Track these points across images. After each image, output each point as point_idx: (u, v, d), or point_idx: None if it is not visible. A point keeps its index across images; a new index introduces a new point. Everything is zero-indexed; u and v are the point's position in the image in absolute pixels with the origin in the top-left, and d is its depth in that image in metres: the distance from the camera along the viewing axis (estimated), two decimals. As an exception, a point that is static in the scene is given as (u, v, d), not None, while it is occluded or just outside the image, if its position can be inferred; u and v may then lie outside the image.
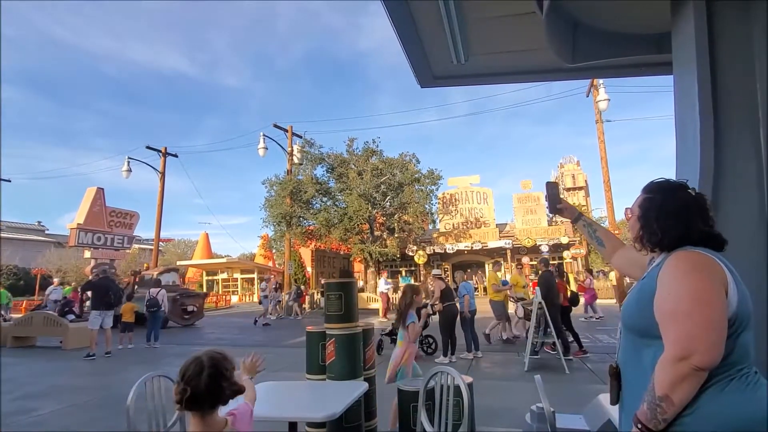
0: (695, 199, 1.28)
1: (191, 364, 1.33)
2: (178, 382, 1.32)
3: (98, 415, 4.68)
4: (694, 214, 1.25)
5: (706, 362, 1.05)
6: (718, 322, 1.07)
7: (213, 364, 1.33)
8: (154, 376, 2.44)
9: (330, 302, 3.49)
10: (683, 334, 1.07)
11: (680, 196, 1.29)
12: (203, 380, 1.29)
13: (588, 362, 6.82)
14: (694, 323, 1.06)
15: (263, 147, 21.13)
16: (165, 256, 40.77)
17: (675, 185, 1.32)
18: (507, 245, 23.95)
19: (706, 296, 1.08)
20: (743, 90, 1.94)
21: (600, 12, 2.81)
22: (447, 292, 7.52)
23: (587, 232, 1.80)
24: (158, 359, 8.41)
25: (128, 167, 22.38)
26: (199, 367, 1.31)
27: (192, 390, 1.29)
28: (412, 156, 22.08)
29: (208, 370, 1.31)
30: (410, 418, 2.92)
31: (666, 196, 1.30)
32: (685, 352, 1.06)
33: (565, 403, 4.35)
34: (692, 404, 1.09)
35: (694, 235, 1.22)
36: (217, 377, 1.31)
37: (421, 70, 3.73)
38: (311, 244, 23.90)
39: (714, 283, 1.10)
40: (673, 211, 1.27)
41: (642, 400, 1.14)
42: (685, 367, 1.06)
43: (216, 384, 1.31)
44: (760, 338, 1.51)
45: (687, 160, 2.00)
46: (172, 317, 13.75)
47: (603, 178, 17.87)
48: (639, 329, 1.24)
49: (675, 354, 1.07)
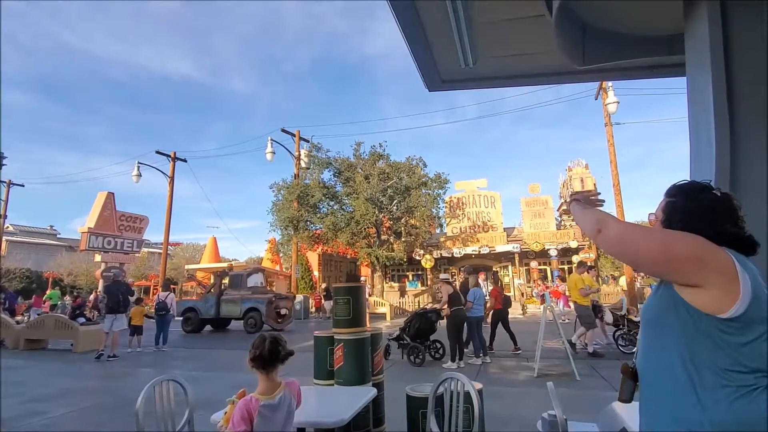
0: (721, 200, 1.23)
1: (258, 339, 1.93)
2: (251, 350, 1.90)
3: (107, 418, 4.70)
4: (720, 215, 1.21)
5: (603, 243, 1.25)
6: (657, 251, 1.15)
7: (272, 336, 1.93)
8: (163, 380, 2.45)
9: (338, 306, 3.47)
10: (626, 228, 1.23)
11: (704, 197, 1.25)
12: (267, 345, 1.87)
13: (600, 369, 6.72)
14: (640, 233, 1.20)
15: (271, 151, 21.26)
16: (173, 259, 41.11)
17: (698, 187, 1.28)
18: (515, 249, 23.78)
19: (670, 241, 1.15)
20: (759, 91, 1.90)
21: (610, 14, 2.79)
22: (455, 296, 7.47)
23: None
24: (167, 362, 8.46)
25: (138, 172, 22.67)
26: (262, 338, 1.91)
27: (259, 352, 1.86)
28: (419, 160, 22.07)
29: (269, 338, 1.90)
30: (419, 424, 2.89)
31: (688, 198, 1.27)
32: (609, 226, 1.25)
33: (577, 410, 4.28)
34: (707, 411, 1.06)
35: (721, 237, 1.17)
36: (275, 343, 1.89)
37: (428, 74, 3.73)
38: (318, 248, 23.95)
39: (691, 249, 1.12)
40: (696, 213, 1.23)
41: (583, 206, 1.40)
42: (589, 228, 1.29)
43: (274, 348, 1.87)
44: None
45: (702, 163, 1.96)
46: (268, 321, 13.12)
47: (612, 182, 17.68)
48: (654, 320, 1.23)
49: (611, 223, 1.26)
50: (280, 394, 1.87)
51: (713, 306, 1.09)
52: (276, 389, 1.89)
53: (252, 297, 13.71)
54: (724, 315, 1.08)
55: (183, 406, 2.53)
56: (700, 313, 1.11)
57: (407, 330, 7.73)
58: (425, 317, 7.70)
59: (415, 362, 7.36)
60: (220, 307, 13.90)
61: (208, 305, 13.97)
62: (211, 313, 13.86)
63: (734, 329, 1.08)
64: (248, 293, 13.93)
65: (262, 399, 1.83)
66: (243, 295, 13.84)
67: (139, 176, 22.71)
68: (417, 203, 20.74)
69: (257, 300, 13.53)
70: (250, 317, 13.39)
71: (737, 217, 1.22)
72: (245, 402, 1.82)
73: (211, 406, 2.66)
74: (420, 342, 7.58)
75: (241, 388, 2.00)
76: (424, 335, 7.71)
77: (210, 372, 7.20)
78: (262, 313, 13.21)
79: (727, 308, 1.08)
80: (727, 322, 1.08)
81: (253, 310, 13.39)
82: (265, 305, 13.23)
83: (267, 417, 1.81)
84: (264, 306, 13.24)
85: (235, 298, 13.79)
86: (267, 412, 1.81)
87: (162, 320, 10.13)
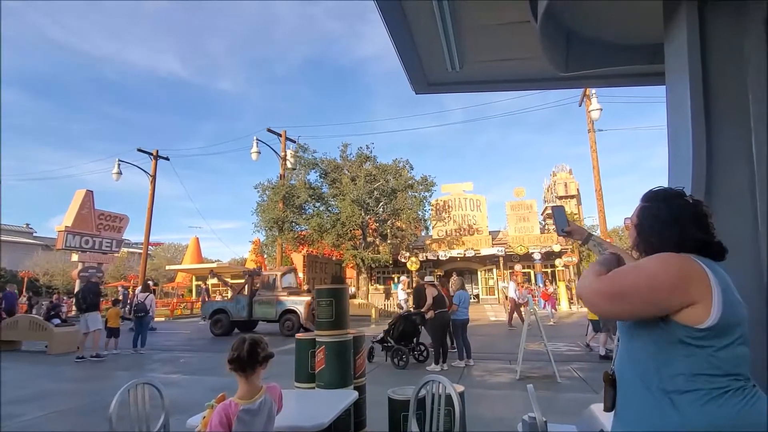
0: (692, 206, 1.27)
1: (237, 340, 1.89)
2: (230, 352, 1.86)
3: (83, 421, 4.57)
4: (689, 221, 1.24)
5: (594, 307, 1.23)
6: (642, 299, 1.15)
7: (252, 338, 1.90)
8: (138, 383, 2.39)
9: (321, 308, 3.44)
10: (613, 278, 1.21)
11: (676, 203, 1.28)
12: (245, 347, 1.83)
13: (580, 371, 6.81)
14: (627, 285, 1.18)
15: (256, 151, 21.06)
16: (154, 260, 40.29)
17: (671, 193, 1.32)
18: (500, 252, 24.01)
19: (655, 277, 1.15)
20: (735, 99, 1.95)
21: (594, 22, 2.84)
22: (439, 299, 7.49)
23: (598, 252, 1.77)
24: (144, 365, 8.27)
25: (118, 170, 22.18)
26: (242, 340, 1.87)
27: (237, 354, 1.82)
28: (406, 162, 22.14)
29: (249, 340, 1.87)
30: (401, 427, 2.88)
31: (661, 204, 1.30)
32: (600, 290, 1.22)
33: (558, 413, 4.34)
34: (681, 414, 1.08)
35: (689, 243, 1.22)
36: (253, 345, 1.85)
37: (416, 77, 3.74)
38: (303, 250, 23.78)
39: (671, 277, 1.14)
40: (668, 219, 1.26)
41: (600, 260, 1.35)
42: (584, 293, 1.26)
43: (253, 350, 1.83)
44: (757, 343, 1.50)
45: (680, 169, 2.00)
46: (306, 323, 12.21)
47: (595, 187, 18.04)
48: (628, 327, 1.26)
49: (598, 285, 1.23)
50: (261, 398, 1.84)
51: (692, 319, 1.11)
52: (256, 393, 1.85)
53: (289, 298, 12.87)
54: (701, 326, 1.10)
55: (159, 410, 2.47)
56: (675, 323, 1.13)
57: (391, 332, 7.72)
58: (409, 320, 7.70)
59: (399, 365, 7.35)
60: (253, 308, 13.13)
61: (240, 307, 13.18)
62: (242, 315, 13.10)
63: (709, 337, 1.10)
64: (284, 294, 13.09)
65: (242, 403, 1.79)
66: (278, 296, 13.00)
67: (119, 174, 22.22)
68: (403, 205, 20.78)
69: (294, 301, 12.74)
70: (286, 320, 12.61)
71: (706, 223, 1.25)
72: (224, 406, 1.79)
73: (189, 410, 2.61)
74: (404, 344, 7.57)
75: (221, 391, 1.96)
76: (408, 338, 7.70)
77: (189, 375, 7.05)
78: (300, 315, 12.44)
79: (703, 319, 1.10)
80: (703, 331, 1.10)
81: (290, 312, 12.60)
82: (304, 307, 12.46)
83: (246, 422, 1.77)
84: (302, 308, 12.50)
85: (270, 300, 12.97)
86: (246, 416, 1.77)
87: (140, 322, 9.89)
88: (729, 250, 1.26)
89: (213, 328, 13.28)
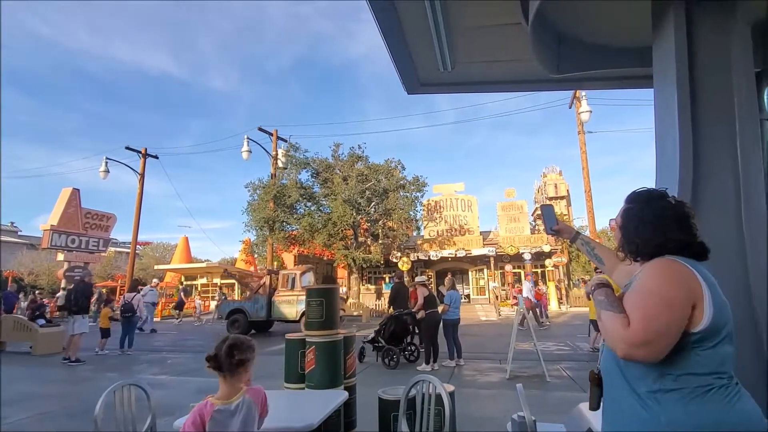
0: (674, 207, 1.28)
1: (220, 339, 1.86)
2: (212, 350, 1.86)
3: (67, 423, 4.49)
4: (671, 222, 1.26)
5: (645, 358, 1.11)
6: (674, 329, 1.10)
7: (233, 338, 1.86)
8: (124, 385, 2.35)
9: (311, 309, 3.42)
10: (646, 325, 1.11)
11: (658, 205, 1.30)
12: (223, 348, 1.79)
13: (569, 371, 6.87)
14: (658, 321, 1.10)
15: (247, 150, 20.90)
16: (142, 259, 39.77)
17: (654, 195, 1.33)
18: (490, 253, 24.14)
19: (671, 302, 1.11)
20: (721, 101, 1.98)
21: (584, 24, 2.86)
22: (430, 299, 7.50)
23: (586, 250, 1.78)
24: (131, 366, 8.15)
25: (106, 168, 21.84)
26: (223, 340, 1.84)
27: (214, 353, 1.79)
28: (398, 162, 22.13)
29: (228, 341, 1.83)
30: (391, 427, 2.87)
31: (644, 205, 1.32)
32: (639, 341, 1.10)
33: (547, 412, 4.37)
34: (667, 412, 1.09)
35: (670, 244, 1.23)
36: (231, 347, 1.80)
37: (407, 77, 3.74)
38: (294, 250, 23.65)
39: (681, 293, 1.12)
40: (650, 220, 1.28)
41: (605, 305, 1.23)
42: (624, 349, 1.13)
43: (229, 351, 1.79)
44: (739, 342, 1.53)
45: (666, 170, 2.03)
46: None
47: (584, 188, 18.24)
48: None
49: (633, 336, 1.11)
50: (238, 400, 1.79)
51: (690, 324, 1.12)
52: (235, 394, 1.81)
53: None
54: (695, 329, 1.11)
55: (145, 411, 2.43)
56: None
57: (382, 332, 7.71)
58: (400, 320, 7.70)
59: (389, 365, 7.35)
60: (272, 308, 12.88)
61: (258, 306, 12.91)
62: (261, 314, 12.85)
63: (700, 339, 1.11)
64: (304, 293, 12.94)
65: (218, 403, 1.76)
66: (299, 295, 12.59)
67: (106, 172, 21.88)
68: (395, 206, 20.78)
69: None
70: None
71: (689, 224, 1.26)
72: (199, 406, 1.76)
73: (177, 412, 2.58)
74: (395, 344, 7.57)
75: (209, 393, 1.94)
76: (399, 338, 7.70)
77: (177, 376, 6.97)
78: None
79: (698, 322, 1.11)
80: (697, 333, 1.11)
81: None
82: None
83: (220, 422, 1.73)
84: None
85: (290, 299, 12.68)
86: (220, 417, 1.73)
87: (128, 322, 9.75)
88: (714, 249, 1.28)
89: (230, 329, 12.91)
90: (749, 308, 1.81)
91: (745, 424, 1.07)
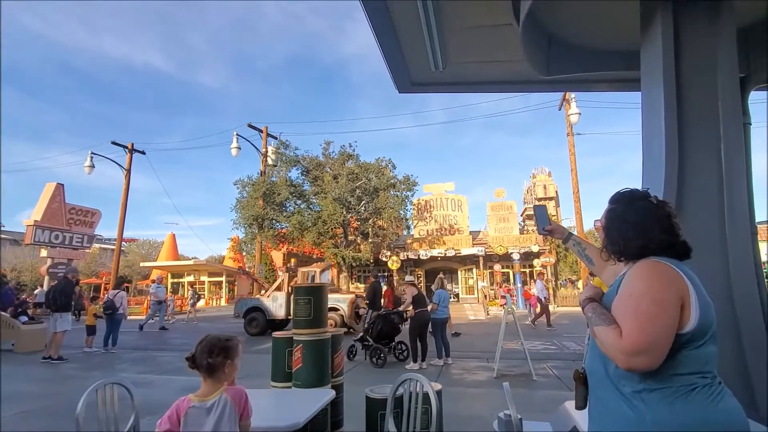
0: (656, 207, 1.30)
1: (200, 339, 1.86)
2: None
3: (49, 423, 4.39)
4: (653, 223, 1.27)
5: (647, 366, 1.09)
6: (669, 332, 1.10)
7: (212, 338, 1.84)
8: (106, 384, 2.30)
9: (299, 307, 3.40)
10: (641, 332, 1.09)
11: (640, 205, 1.31)
12: (199, 347, 1.81)
13: (555, 369, 6.95)
14: (653, 325, 1.09)
15: (236, 146, 20.72)
16: (128, 256, 39.15)
17: (636, 195, 1.35)
18: (480, 252, 24.30)
19: (664, 304, 1.11)
20: (706, 103, 2.02)
21: (574, 28, 2.89)
22: (419, 298, 7.51)
23: (577, 251, 1.80)
24: (115, 365, 8.02)
25: (91, 163, 21.46)
26: (202, 339, 1.85)
27: (193, 351, 1.81)
28: (389, 161, 22.13)
29: (205, 341, 1.83)
30: (378, 425, 2.87)
31: (627, 206, 1.33)
32: (636, 349, 1.09)
33: (533, 410, 4.41)
34: (652, 411, 1.10)
35: (653, 244, 1.24)
36: (207, 347, 1.80)
37: (399, 76, 3.74)
38: (283, 248, 23.51)
39: (672, 294, 1.13)
40: (633, 220, 1.29)
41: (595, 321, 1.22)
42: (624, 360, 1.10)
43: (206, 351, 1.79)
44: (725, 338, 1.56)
45: (653, 170, 2.06)
46: (349, 321, 11.72)
47: (573, 189, 18.45)
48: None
49: (629, 345, 1.10)
50: (214, 399, 1.78)
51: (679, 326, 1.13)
52: (212, 393, 1.80)
53: (332, 296, 12.12)
54: (682, 331, 1.12)
55: (129, 410, 2.39)
56: None
57: (370, 331, 7.72)
58: (387, 319, 7.71)
59: (377, 363, 7.35)
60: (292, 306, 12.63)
61: (277, 304, 12.55)
62: (280, 313, 12.45)
63: (687, 340, 1.13)
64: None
65: (194, 400, 1.76)
66: None
67: (92, 167, 21.50)
68: (385, 204, 20.78)
69: (338, 299, 12.06)
70: (329, 318, 11.89)
71: (670, 224, 1.27)
72: (178, 402, 1.78)
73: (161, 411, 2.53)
74: (384, 343, 7.57)
75: (194, 391, 1.91)
76: (388, 337, 7.71)
77: (162, 375, 6.87)
78: (344, 313, 11.94)
79: (685, 323, 1.13)
80: (684, 335, 1.12)
81: (333, 310, 11.87)
82: (347, 305, 11.90)
83: (194, 419, 1.73)
84: (346, 306, 11.97)
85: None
86: (194, 413, 1.74)
87: (111, 320, 9.58)
88: (698, 249, 1.30)
89: (248, 327, 12.66)
90: (731, 307, 1.85)
91: (729, 422, 1.09)
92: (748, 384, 1.80)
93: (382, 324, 7.65)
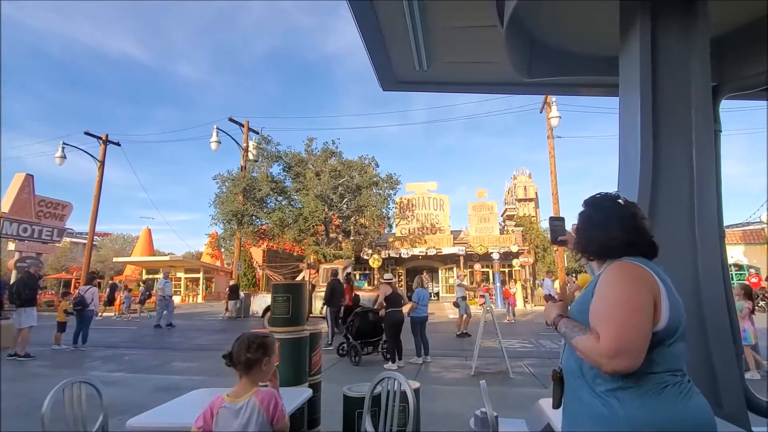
0: (621, 208, 1.35)
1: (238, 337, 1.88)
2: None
3: (13, 423, 4.22)
4: (615, 222, 1.32)
5: (628, 367, 1.11)
6: (646, 332, 1.13)
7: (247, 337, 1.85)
8: (74, 382, 2.23)
9: (276, 304, 3.36)
10: (618, 334, 1.12)
11: (606, 207, 1.37)
12: (235, 346, 1.82)
13: (532, 367, 7.08)
14: (629, 327, 1.12)
15: (216, 141, 20.29)
16: (101, 251, 37.95)
17: (603, 198, 1.41)
18: (460, 252, 24.53)
19: (639, 305, 1.14)
20: (680, 110, 2.08)
21: (556, 31, 2.93)
22: (392, 297, 7.49)
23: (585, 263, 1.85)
24: (84, 363, 7.77)
25: (63, 153, 20.67)
26: (239, 337, 1.86)
27: (230, 351, 1.82)
28: (372, 159, 22.09)
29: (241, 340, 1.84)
30: (355, 424, 2.86)
31: (594, 208, 1.40)
32: (615, 351, 1.11)
33: (509, 407, 4.48)
34: (625, 408, 1.13)
35: (614, 242, 1.30)
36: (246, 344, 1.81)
37: (383, 74, 3.73)
38: (263, 244, 23.21)
39: (646, 294, 1.16)
40: (597, 221, 1.36)
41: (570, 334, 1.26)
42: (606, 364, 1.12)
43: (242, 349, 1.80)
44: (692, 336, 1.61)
45: (628, 174, 2.11)
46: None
47: (552, 191, 18.81)
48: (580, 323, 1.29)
49: (607, 349, 1.12)
50: (243, 402, 1.75)
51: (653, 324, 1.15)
52: (243, 395, 1.77)
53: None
54: (655, 329, 1.15)
55: (97, 410, 2.31)
56: None
57: (349, 329, 7.71)
58: (364, 317, 7.72)
59: (354, 360, 7.35)
60: (313, 303, 12.40)
61: None
62: None
63: (659, 339, 1.16)
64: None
65: (226, 401, 1.77)
66: None
67: (63, 158, 20.71)
68: (367, 202, 20.74)
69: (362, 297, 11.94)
70: None
71: (634, 224, 1.32)
72: (213, 399, 1.79)
73: (132, 411, 2.46)
74: (363, 341, 7.57)
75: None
76: (366, 335, 7.71)
77: (133, 374, 6.68)
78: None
79: (657, 322, 1.16)
80: (657, 334, 1.15)
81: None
82: (372, 303, 11.40)
83: (224, 419, 1.74)
84: (370, 303, 11.51)
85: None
86: (224, 414, 1.74)
87: (81, 317, 9.27)
88: (669, 249, 1.35)
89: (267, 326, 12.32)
90: (699, 306, 1.91)
91: (697, 419, 1.13)
92: (713, 382, 1.87)
93: (360, 322, 7.65)
